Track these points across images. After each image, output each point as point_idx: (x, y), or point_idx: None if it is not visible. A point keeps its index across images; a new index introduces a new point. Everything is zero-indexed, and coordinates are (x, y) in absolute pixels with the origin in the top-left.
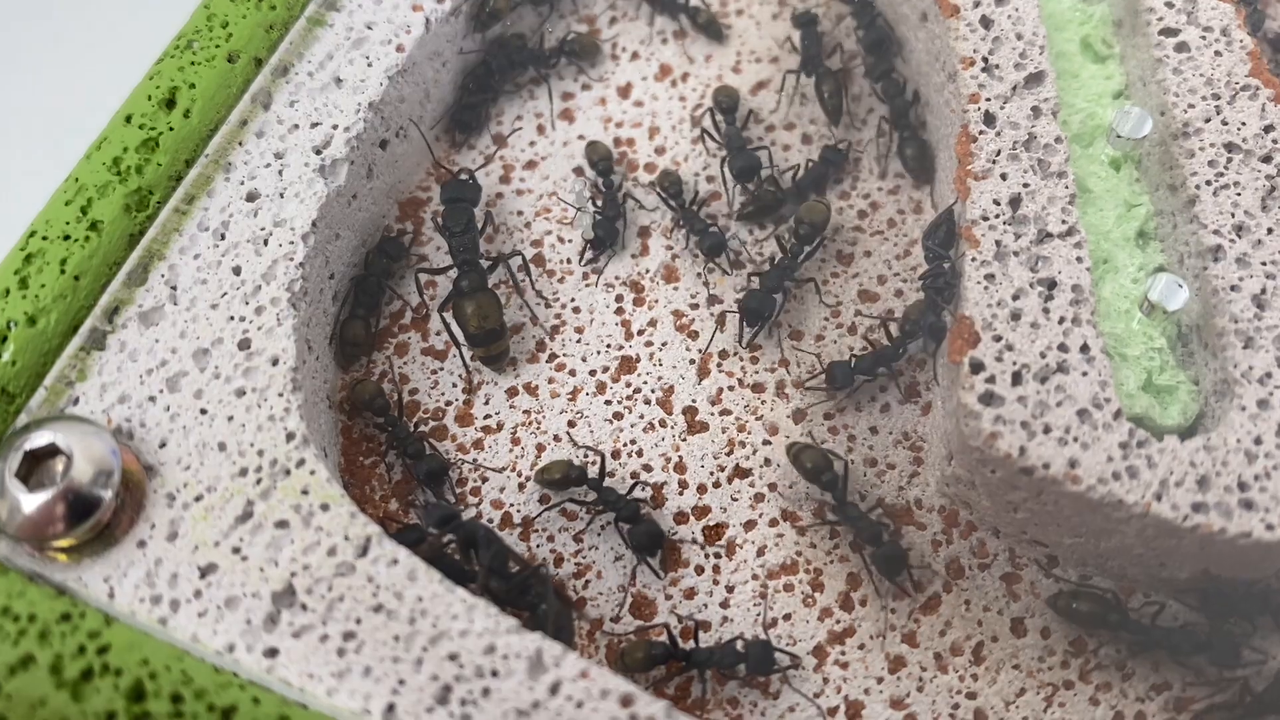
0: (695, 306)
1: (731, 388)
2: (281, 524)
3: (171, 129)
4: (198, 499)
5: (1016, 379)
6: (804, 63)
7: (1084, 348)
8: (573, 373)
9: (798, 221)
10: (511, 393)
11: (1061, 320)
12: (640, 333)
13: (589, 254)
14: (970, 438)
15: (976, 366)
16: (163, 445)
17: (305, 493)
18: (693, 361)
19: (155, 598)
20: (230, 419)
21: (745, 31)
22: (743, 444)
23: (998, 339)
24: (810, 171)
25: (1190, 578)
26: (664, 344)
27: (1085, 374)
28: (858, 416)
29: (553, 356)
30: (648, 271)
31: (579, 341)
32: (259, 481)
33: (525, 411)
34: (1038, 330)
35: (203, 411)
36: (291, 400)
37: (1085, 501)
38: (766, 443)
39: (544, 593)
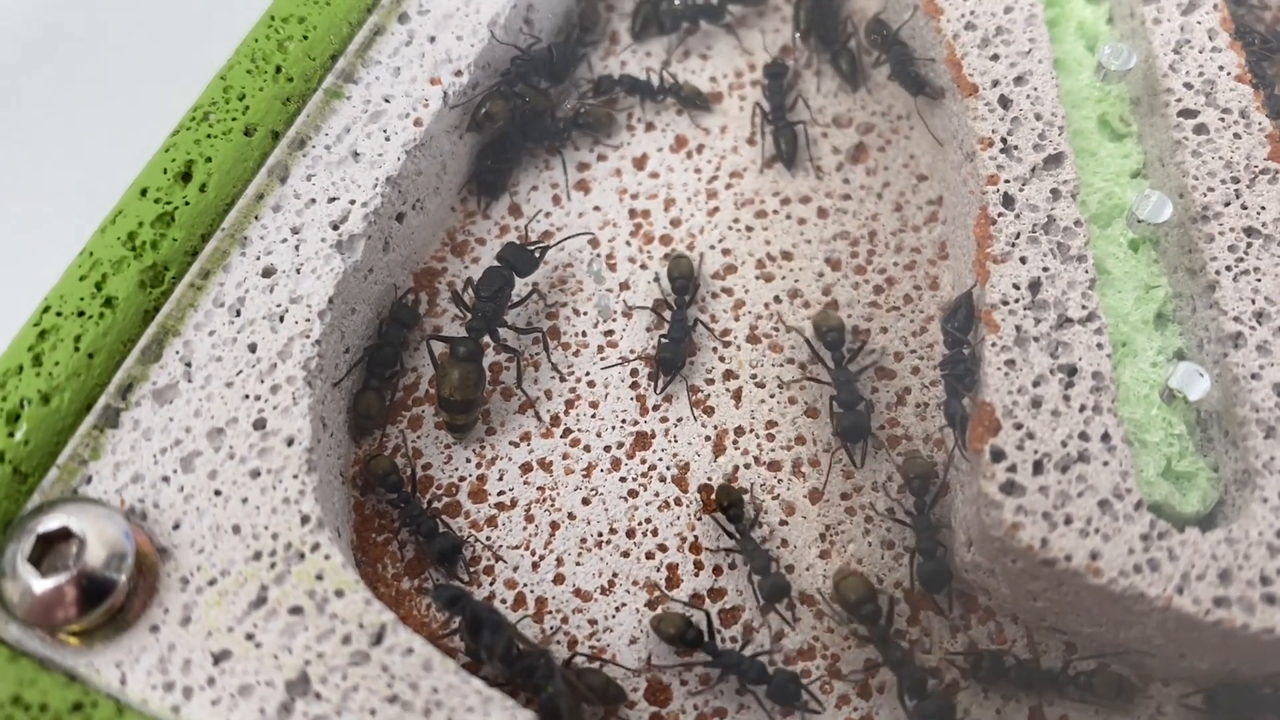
0: (711, 382)
1: (748, 465)
2: (295, 610)
3: (188, 203)
4: (211, 583)
5: (1038, 468)
6: (770, 113)
7: (1105, 436)
8: (587, 448)
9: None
10: (525, 469)
11: (1082, 408)
12: (655, 408)
13: (660, 380)
14: (991, 528)
15: (997, 455)
16: (176, 527)
17: (320, 578)
18: (708, 438)
19: (168, 684)
20: (245, 501)
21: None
22: (759, 524)
23: (1018, 427)
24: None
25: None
26: (679, 420)
27: (1106, 463)
28: (875, 497)
29: (567, 431)
30: None
31: (594, 416)
32: (273, 566)
33: (539, 488)
34: (1059, 418)
35: (217, 493)
36: (306, 482)
37: (1106, 594)
38: (784, 523)
39: (550, 676)
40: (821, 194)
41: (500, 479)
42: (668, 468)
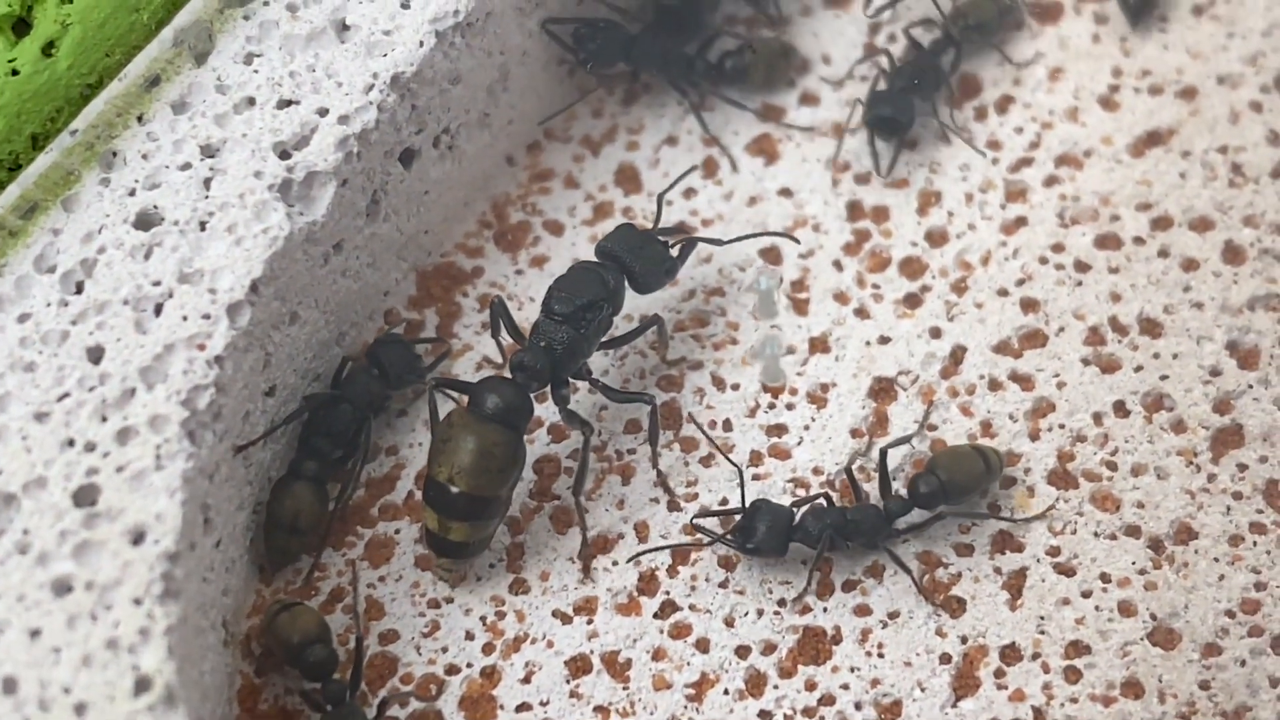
0: (965, 550)
1: None
2: None
3: (16, 73)
4: None
5: None
6: None
7: None
8: (702, 645)
9: None
10: (578, 668)
11: None
12: (848, 586)
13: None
14: None
15: None
16: None
17: None
18: (946, 659)
19: None
20: (35, 635)
21: None
22: None
23: None
24: None
25: None
26: (892, 615)
27: None
28: None
29: (668, 606)
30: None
31: (723, 585)
32: None
33: (600, 709)
34: None
35: None
36: (156, 615)
37: None
38: None
39: None
40: (1235, 215)
41: (527, 680)
42: (857, 704)
